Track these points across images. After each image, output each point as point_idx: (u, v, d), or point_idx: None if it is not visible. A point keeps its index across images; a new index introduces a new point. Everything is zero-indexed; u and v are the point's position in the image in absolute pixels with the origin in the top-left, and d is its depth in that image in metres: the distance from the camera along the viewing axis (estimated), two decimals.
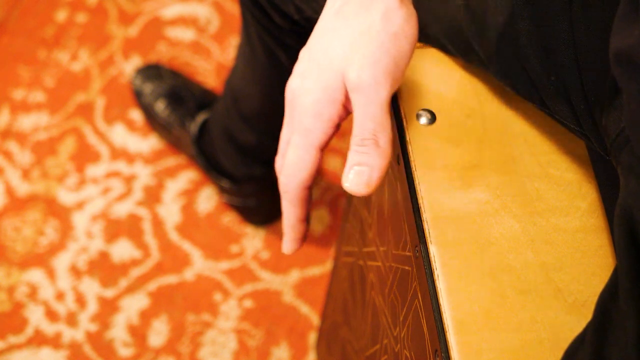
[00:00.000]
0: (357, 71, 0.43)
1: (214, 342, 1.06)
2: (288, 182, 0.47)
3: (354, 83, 0.43)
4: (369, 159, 0.43)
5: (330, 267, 1.11)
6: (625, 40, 0.36)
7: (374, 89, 0.43)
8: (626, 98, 0.37)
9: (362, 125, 0.43)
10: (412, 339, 0.48)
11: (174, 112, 1.14)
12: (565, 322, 0.43)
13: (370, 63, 0.43)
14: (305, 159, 0.46)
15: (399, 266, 0.52)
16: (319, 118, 0.45)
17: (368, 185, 0.43)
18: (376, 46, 0.43)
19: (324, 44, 0.45)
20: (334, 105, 0.45)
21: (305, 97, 0.45)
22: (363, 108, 0.43)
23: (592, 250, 0.46)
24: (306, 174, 0.47)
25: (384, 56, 0.43)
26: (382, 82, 0.43)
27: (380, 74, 0.43)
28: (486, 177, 0.48)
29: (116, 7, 1.34)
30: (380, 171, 0.43)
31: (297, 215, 0.49)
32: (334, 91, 0.44)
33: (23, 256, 1.11)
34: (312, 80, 0.45)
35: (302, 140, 0.46)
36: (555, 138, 0.51)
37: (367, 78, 0.43)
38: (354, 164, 0.43)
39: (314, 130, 0.45)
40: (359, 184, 0.43)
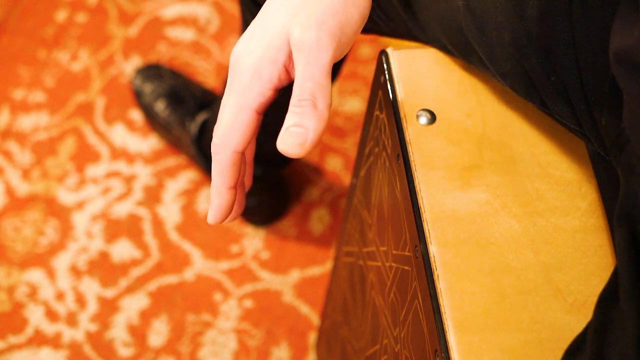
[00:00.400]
0: (301, 30, 0.42)
1: (214, 342, 1.06)
2: (220, 143, 0.45)
3: (297, 42, 0.42)
4: (305, 120, 0.42)
5: (330, 267, 1.11)
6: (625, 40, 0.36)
7: (317, 49, 0.42)
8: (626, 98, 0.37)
9: (301, 85, 0.42)
10: (412, 339, 0.48)
11: (174, 112, 1.14)
12: (565, 322, 0.43)
13: (315, 24, 0.42)
14: (240, 120, 0.45)
15: (399, 266, 0.52)
16: (258, 77, 0.44)
17: (302, 146, 0.42)
18: (324, 9, 0.43)
19: (270, 8, 0.45)
20: (274, 66, 0.44)
21: (247, 57, 0.44)
22: (304, 68, 0.42)
23: (592, 250, 0.46)
24: (240, 136, 0.45)
25: (331, 19, 0.43)
26: (325, 43, 0.42)
27: (324, 35, 0.42)
28: (486, 177, 0.48)
29: (116, 7, 1.34)
30: (316, 133, 0.42)
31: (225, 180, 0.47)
32: (276, 51, 0.44)
33: (23, 256, 1.11)
34: (255, 41, 0.44)
35: (238, 99, 0.45)
36: (555, 138, 0.51)
37: (310, 38, 0.42)
38: (290, 125, 0.42)
39: (251, 89, 0.44)
40: (293, 145, 0.42)
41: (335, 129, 1.23)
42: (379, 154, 0.57)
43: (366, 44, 1.32)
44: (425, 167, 0.48)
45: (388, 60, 0.53)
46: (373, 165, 0.59)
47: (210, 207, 0.49)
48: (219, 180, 0.47)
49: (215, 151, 0.46)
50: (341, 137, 1.22)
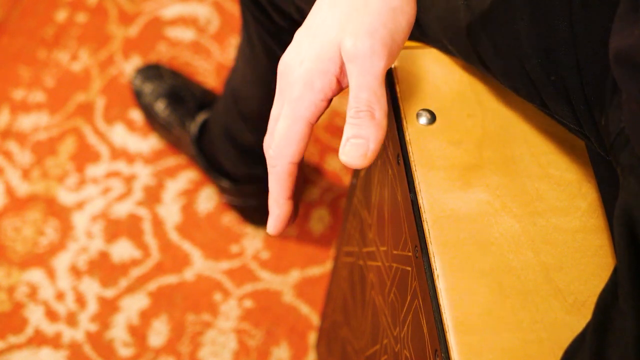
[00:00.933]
0: (354, 40, 0.42)
1: (214, 342, 1.06)
2: (276, 155, 0.46)
3: (350, 52, 0.43)
4: (365, 131, 0.42)
5: (330, 267, 1.11)
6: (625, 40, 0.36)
7: (370, 59, 0.42)
8: (626, 98, 0.37)
9: (357, 96, 0.43)
10: (412, 339, 0.48)
11: (174, 112, 1.14)
12: (565, 322, 0.43)
13: (367, 33, 0.42)
14: (295, 131, 0.45)
15: (399, 266, 0.52)
16: (310, 88, 0.44)
17: (364, 157, 0.42)
18: (374, 17, 0.43)
19: (319, 18, 0.45)
20: (326, 76, 0.44)
21: (298, 67, 0.44)
22: (358, 78, 0.42)
23: (592, 250, 0.46)
24: (295, 148, 0.45)
25: (382, 28, 0.43)
26: (378, 52, 0.42)
27: (377, 44, 0.42)
28: (486, 177, 0.48)
29: (116, 7, 1.34)
30: (377, 143, 0.42)
31: (283, 191, 0.47)
32: (327, 61, 0.44)
33: (23, 256, 1.11)
34: (306, 51, 0.44)
35: (292, 111, 0.45)
36: (555, 138, 0.51)
37: (363, 47, 0.42)
38: (350, 137, 0.43)
39: (304, 100, 0.44)
40: (355, 157, 0.42)
41: (336, 128, 1.23)
42: (379, 153, 0.57)
43: None
44: (425, 167, 0.48)
45: None
46: (373, 165, 0.59)
47: (270, 218, 0.49)
48: (278, 191, 0.47)
49: (272, 163, 0.46)
50: (341, 137, 1.22)
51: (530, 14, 0.46)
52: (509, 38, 0.47)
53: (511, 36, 0.47)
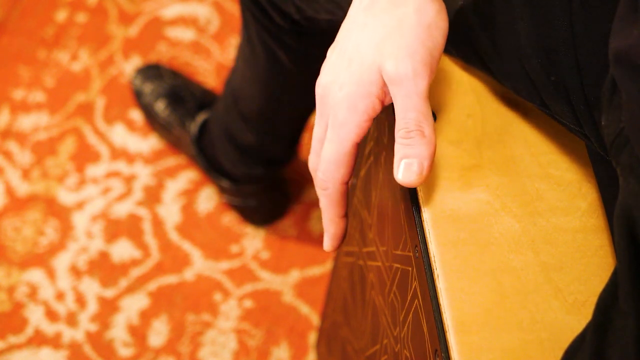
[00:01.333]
0: (395, 63, 0.43)
1: (214, 342, 1.06)
2: (326, 178, 0.47)
3: (393, 75, 0.43)
4: (417, 150, 0.43)
5: (330, 267, 1.11)
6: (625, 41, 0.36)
7: (414, 80, 0.43)
8: (625, 98, 0.37)
9: (405, 117, 0.44)
10: (412, 339, 0.48)
11: (174, 112, 1.14)
12: (565, 322, 0.43)
13: (407, 54, 0.43)
14: (343, 153, 0.46)
15: (399, 266, 0.52)
16: (354, 111, 0.45)
17: (421, 175, 0.44)
18: (412, 38, 0.44)
19: (354, 39, 0.46)
20: (368, 99, 0.45)
21: (339, 91, 0.45)
22: (404, 100, 0.43)
23: (592, 250, 0.46)
24: (345, 169, 0.47)
25: (420, 47, 0.44)
26: (421, 72, 0.43)
27: (418, 65, 0.43)
28: (486, 177, 0.48)
29: (116, 7, 1.34)
30: (430, 159, 0.44)
31: (337, 211, 0.49)
32: (369, 84, 0.45)
33: (23, 256, 1.11)
34: (345, 75, 0.45)
35: (338, 135, 0.46)
36: (555, 138, 0.51)
37: (405, 70, 0.43)
38: (403, 157, 0.44)
39: (349, 123, 0.46)
40: (411, 176, 0.43)
41: None
42: (379, 154, 0.57)
43: None
44: None
45: None
46: (373, 165, 0.59)
47: (326, 237, 0.52)
48: (333, 212, 0.50)
49: (323, 186, 0.48)
50: None
51: (530, 14, 0.46)
52: (508, 38, 0.47)
53: (511, 36, 0.47)
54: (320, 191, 0.49)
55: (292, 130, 0.97)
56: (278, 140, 0.99)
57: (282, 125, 0.96)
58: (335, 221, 0.50)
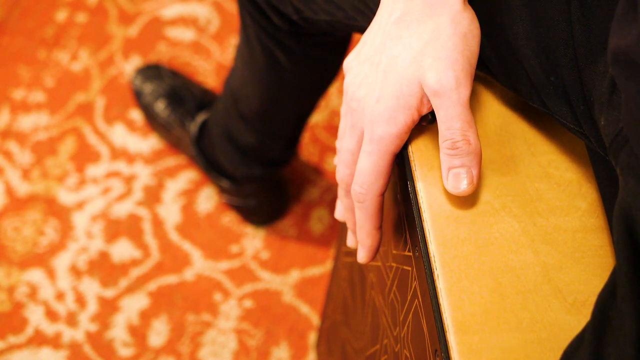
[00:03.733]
0: (437, 75, 0.44)
1: (214, 342, 1.06)
2: (365, 191, 0.48)
3: (436, 87, 0.44)
4: (465, 160, 0.44)
5: (330, 267, 1.11)
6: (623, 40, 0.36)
7: (457, 90, 0.43)
8: (624, 98, 0.37)
9: (450, 127, 0.44)
10: (412, 339, 0.48)
11: (174, 112, 1.14)
12: (565, 322, 0.43)
13: (448, 65, 0.44)
14: (382, 166, 0.47)
15: (399, 266, 0.52)
16: (394, 125, 0.46)
17: (472, 184, 0.44)
18: (451, 48, 0.44)
19: (388, 51, 0.46)
20: (408, 112, 0.45)
21: (376, 104, 0.46)
22: (448, 110, 0.44)
23: (592, 250, 0.46)
24: (383, 181, 0.48)
25: (460, 57, 0.44)
26: (463, 82, 0.44)
27: (460, 75, 0.44)
28: (486, 177, 0.48)
29: (116, 7, 1.34)
30: (478, 167, 0.44)
31: (374, 223, 0.50)
32: (408, 97, 0.45)
33: (23, 256, 1.11)
34: (381, 89, 0.46)
35: (377, 148, 0.46)
36: (555, 138, 0.51)
37: (448, 81, 0.43)
38: (451, 167, 0.45)
39: (389, 137, 0.46)
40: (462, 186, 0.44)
41: (335, 129, 1.23)
42: None
43: None
44: (425, 167, 0.48)
45: None
46: None
47: (361, 249, 0.52)
48: (370, 224, 0.50)
49: (360, 199, 0.48)
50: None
51: (529, 15, 0.46)
52: (508, 39, 0.47)
53: (510, 37, 0.47)
54: (358, 204, 0.49)
55: (291, 130, 0.97)
56: (278, 140, 0.99)
57: (282, 126, 0.96)
58: (372, 234, 0.50)
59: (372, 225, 0.50)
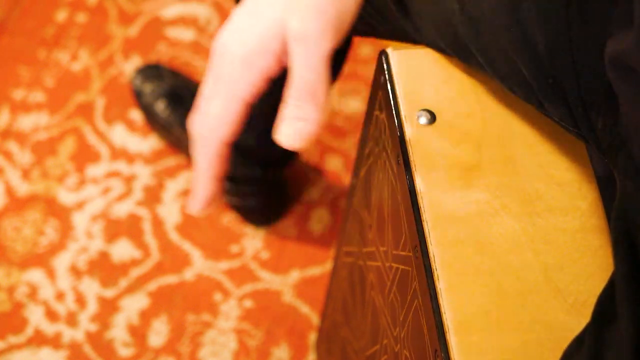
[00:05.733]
0: (302, 20, 0.41)
1: (214, 342, 1.06)
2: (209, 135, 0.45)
3: (298, 32, 0.42)
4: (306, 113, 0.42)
5: (330, 267, 1.11)
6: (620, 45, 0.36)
7: (318, 40, 0.41)
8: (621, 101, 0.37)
9: (301, 77, 0.42)
10: (412, 339, 0.48)
11: (174, 112, 1.14)
12: (565, 322, 0.43)
13: (315, 13, 0.41)
14: (232, 111, 0.44)
15: (398, 266, 0.52)
16: (250, 68, 0.43)
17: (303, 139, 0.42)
18: None
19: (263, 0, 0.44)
20: (267, 55, 0.43)
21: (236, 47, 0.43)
22: (304, 59, 0.42)
23: (592, 250, 0.46)
24: (230, 128, 0.44)
25: (330, 7, 0.42)
26: (327, 33, 0.42)
27: (326, 25, 0.41)
28: (486, 177, 0.48)
29: (116, 7, 1.34)
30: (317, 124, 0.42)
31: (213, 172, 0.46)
32: (269, 40, 0.43)
33: (23, 256, 1.11)
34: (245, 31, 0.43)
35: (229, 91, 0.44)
36: (555, 138, 0.51)
37: (312, 28, 0.41)
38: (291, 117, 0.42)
39: (243, 80, 0.43)
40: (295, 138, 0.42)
41: (335, 129, 1.23)
42: (379, 154, 0.57)
43: (366, 44, 1.32)
44: (425, 167, 0.48)
45: (388, 60, 0.53)
46: (373, 165, 0.59)
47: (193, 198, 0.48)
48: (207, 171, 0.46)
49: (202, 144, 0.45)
50: (341, 137, 1.22)
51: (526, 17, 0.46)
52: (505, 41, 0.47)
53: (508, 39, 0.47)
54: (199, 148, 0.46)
55: None
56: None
57: None
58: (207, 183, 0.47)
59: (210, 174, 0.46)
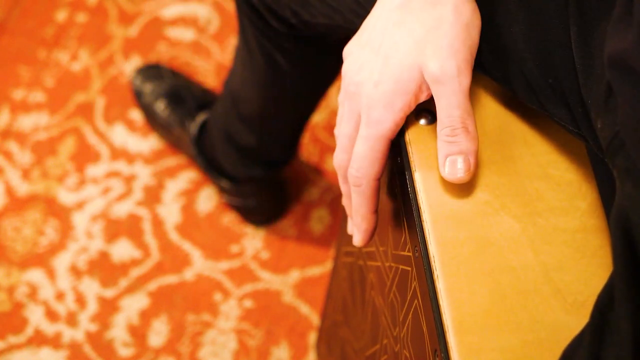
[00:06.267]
0: (439, 63, 0.44)
1: (214, 342, 1.06)
2: (361, 175, 0.48)
3: (437, 75, 0.44)
4: (463, 147, 0.44)
5: (330, 267, 1.11)
6: (619, 44, 0.36)
7: (458, 79, 0.44)
8: (620, 101, 0.37)
9: (450, 115, 0.44)
10: (412, 339, 0.48)
11: (174, 112, 1.14)
12: (565, 322, 0.43)
13: (451, 54, 0.44)
14: (379, 151, 0.47)
15: (398, 266, 0.52)
16: (391, 109, 0.46)
17: (469, 171, 0.45)
18: (453, 37, 0.44)
19: (389, 36, 0.46)
20: (406, 97, 0.45)
21: (374, 88, 0.46)
22: (450, 98, 0.44)
23: (592, 250, 0.46)
24: (380, 166, 0.48)
25: (462, 46, 0.44)
26: (464, 71, 0.44)
27: (462, 63, 0.44)
28: (486, 177, 0.48)
29: (116, 7, 1.34)
30: (476, 155, 0.45)
31: (370, 207, 0.50)
32: (408, 82, 0.45)
33: (23, 256, 1.11)
34: (380, 73, 0.46)
35: (374, 132, 0.47)
36: (555, 138, 0.51)
37: (450, 69, 0.44)
38: (449, 154, 0.45)
39: (386, 121, 0.46)
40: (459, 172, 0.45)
41: None
42: None
43: None
44: (425, 167, 0.48)
45: None
46: None
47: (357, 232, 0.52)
48: (366, 207, 0.50)
49: (356, 183, 0.49)
50: None
51: (526, 18, 0.46)
52: (505, 41, 0.47)
53: (507, 39, 0.47)
54: (354, 188, 0.49)
55: (291, 131, 0.97)
56: (277, 141, 0.99)
57: (282, 127, 0.96)
58: (368, 217, 0.51)
59: (367, 209, 0.50)
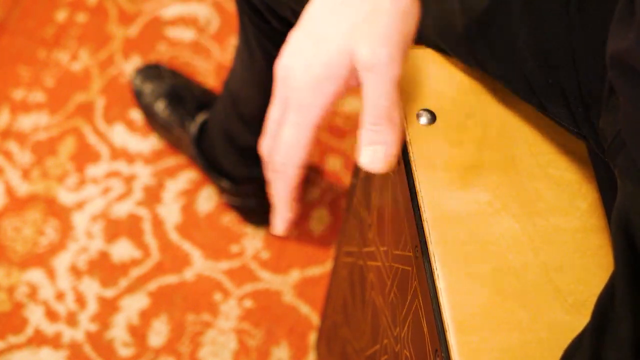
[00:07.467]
0: (371, 48, 0.43)
1: (214, 342, 1.06)
2: (285, 161, 0.47)
3: (368, 61, 0.43)
4: (385, 137, 0.44)
5: (330, 267, 1.11)
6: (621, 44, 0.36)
7: (389, 66, 0.43)
8: (622, 101, 0.37)
9: (376, 103, 0.43)
10: (412, 339, 0.48)
11: (174, 112, 1.14)
12: (565, 322, 0.43)
13: (383, 40, 0.43)
14: (305, 137, 0.46)
15: (399, 266, 0.52)
16: (319, 94, 0.44)
17: (386, 161, 0.44)
18: (388, 23, 0.43)
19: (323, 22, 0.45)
20: (335, 82, 0.44)
21: (303, 73, 0.44)
22: (377, 86, 0.43)
23: (592, 250, 0.46)
24: (304, 153, 0.46)
25: (396, 33, 0.43)
26: (396, 59, 0.43)
27: (394, 51, 0.43)
28: (486, 177, 0.48)
29: (116, 7, 1.34)
30: (397, 146, 0.44)
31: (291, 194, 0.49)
32: (337, 67, 0.44)
33: (23, 256, 1.11)
34: (311, 57, 0.44)
35: (300, 117, 0.45)
36: (555, 138, 0.51)
37: (381, 56, 0.43)
38: (370, 143, 0.44)
39: (313, 107, 0.45)
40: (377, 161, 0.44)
41: (335, 129, 1.23)
42: None
43: None
44: (426, 168, 0.48)
45: None
46: None
47: (277, 221, 0.51)
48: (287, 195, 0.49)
49: (280, 169, 0.47)
50: (341, 137, 1.22)
51: (527, 18, 0.46)
52: (505, 42, 0.47)
53: (508, 40, 0.47)
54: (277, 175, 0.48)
55: None
56: None
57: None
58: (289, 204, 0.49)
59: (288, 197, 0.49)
